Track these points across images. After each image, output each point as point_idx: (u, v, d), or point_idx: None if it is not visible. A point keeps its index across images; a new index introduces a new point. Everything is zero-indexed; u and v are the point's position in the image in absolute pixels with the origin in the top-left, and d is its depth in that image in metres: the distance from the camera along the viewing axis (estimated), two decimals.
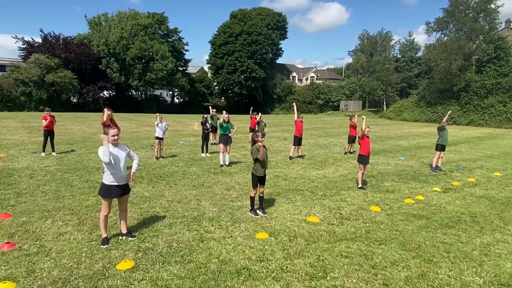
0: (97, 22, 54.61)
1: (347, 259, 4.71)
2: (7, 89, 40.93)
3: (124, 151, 5.07)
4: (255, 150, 6.30)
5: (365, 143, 8.59)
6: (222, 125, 11.07)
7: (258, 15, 59.41)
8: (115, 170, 4.90)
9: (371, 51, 61.86)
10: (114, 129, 4.94)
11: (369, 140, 8.71)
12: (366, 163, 8.68)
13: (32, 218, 5.96)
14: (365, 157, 8.60)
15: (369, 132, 8.68)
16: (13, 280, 3.96)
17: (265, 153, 6.40)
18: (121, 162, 4.97)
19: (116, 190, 4.96)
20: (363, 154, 8.59)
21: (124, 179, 5.05)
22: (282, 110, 61.81)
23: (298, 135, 12.64)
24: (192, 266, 4.41)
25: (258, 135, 6.35)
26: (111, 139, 4.89)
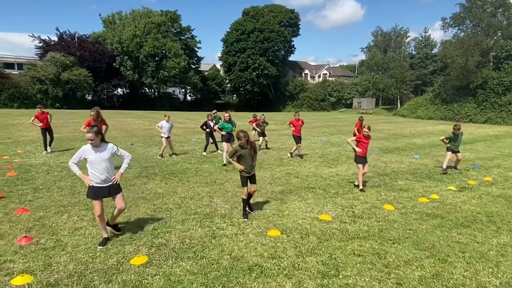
0: (111, 21, 55.37)
1: (360, 258, 4.68)
2: (24, 87, 41.89)
3: (107, 152, 4.91)
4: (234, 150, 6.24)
5: (362, 144, 8.18)
6: (224, 125, 10.81)
7: (270, 12, 59.26)
8: (96, 171, 4.81)
9: (385, 47, 61.10)
10: (90, 133, 4.76)
11: (367, 142, 8.26)
12: (361, 163, 8.20)
13: (49, 213, 6.09)
14: (359, 158, 8.21)
15: (367, 132, 8.18)
16: (31, 273, 4.06)
17: (249, 154, 6.14)
18: (101, 163, 4.83)
19: (102, 190, 4.87)
20: (358, 155, 8.22)
21: (109, 179, 4.93)
22: (294, 107, 61.55)
23: (297, 134, 12.21)
24: (205, 262, 4.45)
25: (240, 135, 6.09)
26: (88, 142, 4.78)
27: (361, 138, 8.24)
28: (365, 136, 8.22)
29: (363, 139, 8.22)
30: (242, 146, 6.11)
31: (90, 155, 4.81)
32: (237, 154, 6.17)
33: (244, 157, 6.15)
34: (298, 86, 62.38)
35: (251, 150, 6.19)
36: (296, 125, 12.26)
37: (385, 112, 51.19)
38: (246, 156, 6.14)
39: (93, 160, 4.80)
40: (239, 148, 6.16)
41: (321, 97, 60.81)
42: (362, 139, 8.22)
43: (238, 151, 6.15)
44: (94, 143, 4.80)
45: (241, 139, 6.07)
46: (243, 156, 6.14)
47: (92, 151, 4.82)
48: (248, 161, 6.15)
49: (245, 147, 6.12)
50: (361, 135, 8.26)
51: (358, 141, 8.24)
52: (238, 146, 6.20)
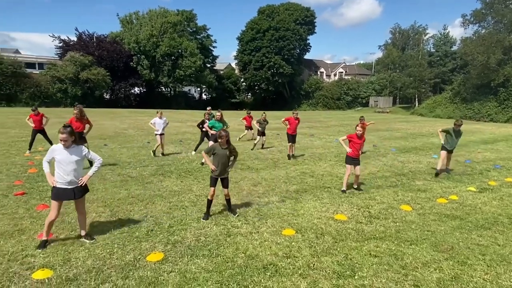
0: (129, 21, 56.22)
1: (376, 259, 4.62)
2: (44, 86, 43.03)
3: (77, 154, 4.77)
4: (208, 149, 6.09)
5: (353, 144, 7.72)
6: (215, 124, 10.41)
7: (286, 10, 58.99)
8: (63, 172, 4.67)
9: (403, 45, 60.03)
10: (63, 133, 4.61)
11: (360, 142, 7.78)
12: (351, 164, 7.77)
13: (68, 209, 6.22)
14: (349, 158, 7.79)
15: (360, 132, 7.70)
16: (51, 268, 4.16)
17: (225, 155, 5.92)
18: (70, 165, 4.69)
19: (67, 192, 4.75)
20: (348, 155, 7.81)
21: (75, 182, 4.79)
22: (309, 106, 61.24)
23: (291, 133, 11.76)
24: (220, 260, 4.47)
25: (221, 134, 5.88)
26: (60, 142, 4.66)
27: (353, 137, 7.74)
28: (358, 136, 7.73)
29: (355, 139, 7.72)
30: (221, 145, 5.93)
31: (59, 154, 4.69)
32: (212, 152, 5.99)
33: (219, 157, 5.93)
34: (314, 85, 61.95)
35: (229, 152, 5.97)
36: (292, 123, 11.77)
37: (402, 111, 50.31)
38: (220, 157, 5.92)
39: (61, 160, 4.67)
40: (217, 146, 5.99)
41: (337, 95, 60.21)
42: (354, 138, 7.72)
43: (215, 148, 5.98)
44: (66, 144, 4.68)
45: (222, 138, 5.87)
46: (217, 156, 5.94)
47: (61, 151, 4.70)
48: (221, 162, 5.92)
49: (223, 147, 5.93)
50: (354, 134, 7.78)
51: (350, 141, 7.79)
52: (216, 144, 6.05)
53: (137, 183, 8.16)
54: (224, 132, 5.92)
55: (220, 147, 5.94)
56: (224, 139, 5.88)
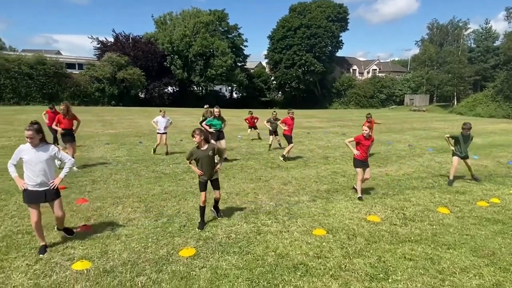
0: (163, 21, 57.69)
1: (411, 262, 4.46)
2: (84, 85, 45.02)
3: (45, 153, 4.47)
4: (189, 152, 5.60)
5: (361, 147, 7.15)
6: (212, 122, 10.22)
7: (318, 7, 58.28)
8: (31, 173, 4.40)
9: (441, 41, 57.59)
10: (29, 130, 4.33)
11: (368, 144, 7.17)
12: (360, 167, 7.18)
13: (105, 203, 6.50)
14: (357, 161, 7.20)
15: (367, 132, 7.09)
16: (89, 260, 4.35)
17: (208, 156, 5.45)
18: (38, 165, 4.40)
19: (38, 194, 4.48)
20: (356, 158, 7.23)
21: (46, 183, 4.50)
22: (341, 104, 60.20)
23: (289, 134, 11.16)
24: (250, 258, 4.49)
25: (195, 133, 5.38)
26: (27, 140, 4.38)
27: (360, 139, 7.16)
28: (365, 137, 7.12)
29: (363, 140, 7.13)
30: (199, 147, 5.45)
31: (27, 154, 4.38)
32: (192, 157, 5.50)
33: (202, 160, 5.44)
34: (346, 83, 60.81)
35: (212, 152, 5.49)
36: (289, 124, 11.21)
37: (440, 110, 48.31)
38: (203, 159, 5.43)
39: (28, 160, 4.37)
40: (195, 149, 5.49)
41: (370, 93, 58.75)
42: (362, 140, 7.13)
43: (194, 153, 5.47)
44: (33, 142, 4.37)
45: (195, 137, 5.35)
46: (200, 159, 5.45)
47: (29, 151, 4.40)
48: (205, 164, 5.46)
49: (202, 149, 5.45)
50: (360, 136, 7.18)
51: (357, 143, 7.20)
52: (194, 148, 5.53)
53: (170, 180, 8.37)
54: (198, 130, 5.37)
55: (199, 149, 5.46)
56: (199, 138, 5.34)
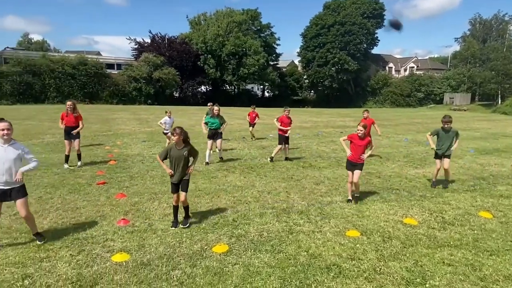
0: (197, 22, 58.82)
1: (450, 268, 4.28)
2: (122, 85, 46.85)
3: (13, 151, 4.42)
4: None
5: (353, 146, 6.67)
6: (210, 120, 10.02)
7: (353, 4, 57.15)
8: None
9: (484, 37, 54.66)
10: (5, 122, 4.35)
11: (362, 144, 6.60)
12: (350, 169, 6.75)
13: (143, 199, 6.74)
14: (348, 162, 6.80)
15: (362, 132, 6.53)
16: (127, 252, 4.53)
17: (180, 156, 5.22)
18: (5, 163, 4.33)
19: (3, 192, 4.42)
20: (348, 159, 6.79)
21: (11, 182, 4.42)
22: (376, 103, 58.69)
23: (285, 134, 10.52)
24: (282, 257, 4.49)
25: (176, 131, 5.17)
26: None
27: (353, 137, 6.65)
28: (360, 137, 6.56)
29: (356, 140, 6.60)
30: (176, 145, 5.24)
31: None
32: (167, 154, 5.30)
33: (174, 159, 5.25)
34: (381, 81, 59.21)
35: (187, 153, 5.28)
36: (285, 123, 10.52)
37: (482, 109, 45.87)
38: (176, 158, 5.24)
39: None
40: (172, 147, 5.30)
41: (407, 92, 56.86)
42: (355, 139, 6.60)
43: (170, 150, 5.29)
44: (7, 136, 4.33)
45: (174, 136, 5.14)
46: (174, 159, 5.26)
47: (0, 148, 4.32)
48: (178, 164, 5.26)
49: (178, 148, 5.25)
50: (354, 134, 6.65)
51: (351, 142, 6.74)
52: (171, 145, 5.34)
53: (204, 177, 8.53)
54: (179, 129, 5.17)
55: (175, 147, 5.26)
56: (178, 137, 5.15)
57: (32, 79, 40.92)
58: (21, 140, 13.36)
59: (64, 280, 3.87)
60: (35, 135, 15.03)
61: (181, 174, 5.33)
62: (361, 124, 6.67)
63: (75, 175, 8.39)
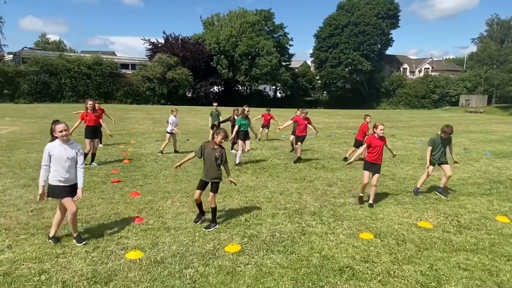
0: (210, 22, 59.11)
1: (466, 272, 4.20)
2: (136, 85, 47.42)
3: (72, 151, 4.62)
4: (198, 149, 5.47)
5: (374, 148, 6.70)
6: (241, 122, 9.97)
7: (367, 4, 56.64)
8: (58, 169, 4.52)
9: (502, 38, 53.50)
10: (62, 123, 4.54)
11: (380, 144, 6.67)
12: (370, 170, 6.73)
13: (156, 197, 6.81)
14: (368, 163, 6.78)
15: (382, 131, 6.63)
16: (141, 250, 4.58)
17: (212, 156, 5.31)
18: (67, 161, 4.55)
19: (64, 189, 4.60)
20: (367, 159, 6.84)
21: (72, 180, 4.65)
22: (389, 104, 58.02)
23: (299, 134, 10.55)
24: (294, 258, 4.48)
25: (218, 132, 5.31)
26: (59, 135, 4.49)
27: (371, 141, 6.71)
28: (380, 137, 6.69)
29: (374, 141, 6.69)
30: (213, 144, 5.34)
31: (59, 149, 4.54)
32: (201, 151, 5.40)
33: (207, 159, 5.37)
34: (395, 82, 58.52)
35: (218, 154, 5.32)
36: (301, 123, 10.53)
37: (499, 112, 44.87)
38: (207, 156, 5.35)
39: (59, 155, 4.51)
40: (206, 145, 5.41)
41: (422, 93, 56.04)
42: (374, 141, 6.69)
43: (205, 147, 5.39)
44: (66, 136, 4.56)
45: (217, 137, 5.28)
46: (206, 157, 5.37)
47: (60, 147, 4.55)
48: (209, 164, 5.35)
49: (213, 147, 5.34)
50: (372, 137, 6.77)
51: (368, 145, 6.75)
52: (207, 143, 5.44)
53: None
54: (223, 133, 5.31)
55: (210, 146, 5.38)
56: (221, 138, 5.30)
57: (49, 79, 41.80)
58: (38, 138, 13.68)
59: (79, 276, 3.94)
60: None
61: (210, 173, 5.39)
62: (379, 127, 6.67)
63: (90, 173, 8.53)
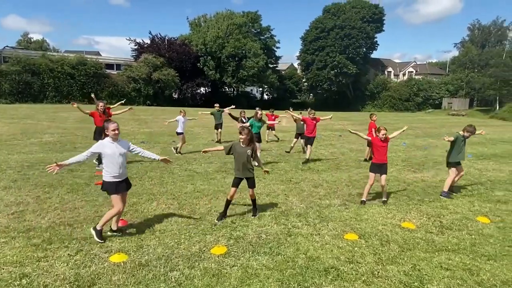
0: (197, 23, 58.84)
1: (448, 272, 4.29)
2: (121, 85, 46.74)
3: (124, 147, 4.97)
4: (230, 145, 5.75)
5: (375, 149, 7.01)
6: (255, 123, 10.04)
7: (352, 8, 57.34)
8: (113, 166, 4.81)
9: (483, 42, 54.95)
10: (115, 123, 4.87)
11: (384, 145, 6.91)
12: (376, 171, 7.02)
13: (141, 200, 6.73)
14: (374, 165, 7.07)
15: (384, 135, 6.82)
16: (125, 253, 4.52)
17: (244, 153, 5.58)
18: (119, 158, 4.84)
19: (118, 184, 4.90)
20: (373, 162, 7.10)
21: (124, 175, 5.00)
22: (374, 107, 58.78)
23: (307, 134, 10.91)
24: (280, 259, 4.49)
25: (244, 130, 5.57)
26: (111, 134, 4.81)
27: (376, 141, 6.98)
28: (382, 140, 6.89)
29: (378, 142, 6.93)
30: (242, 143, 5.58)
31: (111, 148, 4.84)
32: (231, 151, 5.66)
33: (239, 157, 5.63)
34: (380, 85, 59.35)
35: (250, 151, 5.63)
36: (309, 124, 10.84)
37: (480, 115, 46.06)
38: (240, 156, 5.62)
39: (112, 154, 4.82)
40: (237, 144, 5.63)
41: (406, 96, 57.00)
42: (378, 142, 6.95)
43: (234, 147, 5.63)
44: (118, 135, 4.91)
45: (242, 135, 5.50)
46: (238, 156, 5.62)
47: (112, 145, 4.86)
48: (241, 162, 5.61)
49: (243, 146, 5.60)
50: (377, 138, 6.98)
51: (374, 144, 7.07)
52: (237, 142, 5.67)
53: (202, 179, 8.53)
54: (247, 130, 5.58)
55: (240, 145, 5.62)
56: (246, 136, 5.54)
57: (31, 78, 40.77)
58: (19, 139, 13.36)
59: (62, 280, 3.86)
60: (33, 134, 15.00)
61: (244, 170, 5.67)
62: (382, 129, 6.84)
63: (73, 175, 8.38)
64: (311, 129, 10.82)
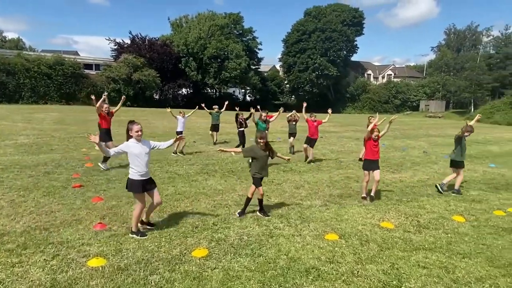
0: (179, 24, 58.33)
1: (425, 270, 4.40)
2: (100, 86, 45.76)
3: (148, 146, 5.18)
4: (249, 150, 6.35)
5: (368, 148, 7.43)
6: (259, 124, 10.52)
7: (333, 11, 58.17)
8: (139, 165, 5.01)
9: (458, 46, 56.74)
10: (139, 124, 5.07)
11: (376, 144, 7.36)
12: (369, 168, 7.42)
13: (120, 202, 6.61)
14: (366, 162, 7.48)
15: (377, 136, 7.29)
16: (104, 257, 4.43)
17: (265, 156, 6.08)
18: (145, 156, 5.06)
19: (142, 183, 5.06)
20: (366, 159, 7.51)
21: (149, 173, 5.20)
22: (354, 109, 59.74)
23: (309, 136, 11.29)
24: (262, 260, 4.50)
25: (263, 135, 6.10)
26: (135, 135, 5.03)
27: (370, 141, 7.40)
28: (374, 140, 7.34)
29: (372, 142, 7.36)
30: (261, 147, 6.04)
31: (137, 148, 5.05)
32: (251, 154, 6.25)
33: (260, 159, 6.07)
34: (360, 87, 60.36)
35: (269, 152, 6.12)
36: (310, 126, 11.31)
37: (456, 116, 47.46)
38: (262, 159, 6.07)
39: (139, 154, 5.03)
40: (257, 148, 6.08)
41: (385, 99, 58.20)
42: (372, 141, 7.37)
43: (255, 151, 6.11)
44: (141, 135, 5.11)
45: (262, 140, 6.00)
46: (259, 158, 6.07)
47: (137, 145, 5.06)
48: (263, 163, 6.09)
49: (262, 149, 6.05)
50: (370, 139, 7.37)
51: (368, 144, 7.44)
52: (256, 147, 6.10)
53: (183, 181, 8.45)
54: (264, 134, 6.14)
55: (260, 150, 6.06)
56: (265, 141, 6.05)
57: (6, 78, 39.40)
58: None
59: (37, 286, 3.75)
60: (8, 136, 14.50)
61: (266, 170, 6.20)
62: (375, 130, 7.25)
63: (49, 178, 8.15)
64: (313, 131, 11.26)
